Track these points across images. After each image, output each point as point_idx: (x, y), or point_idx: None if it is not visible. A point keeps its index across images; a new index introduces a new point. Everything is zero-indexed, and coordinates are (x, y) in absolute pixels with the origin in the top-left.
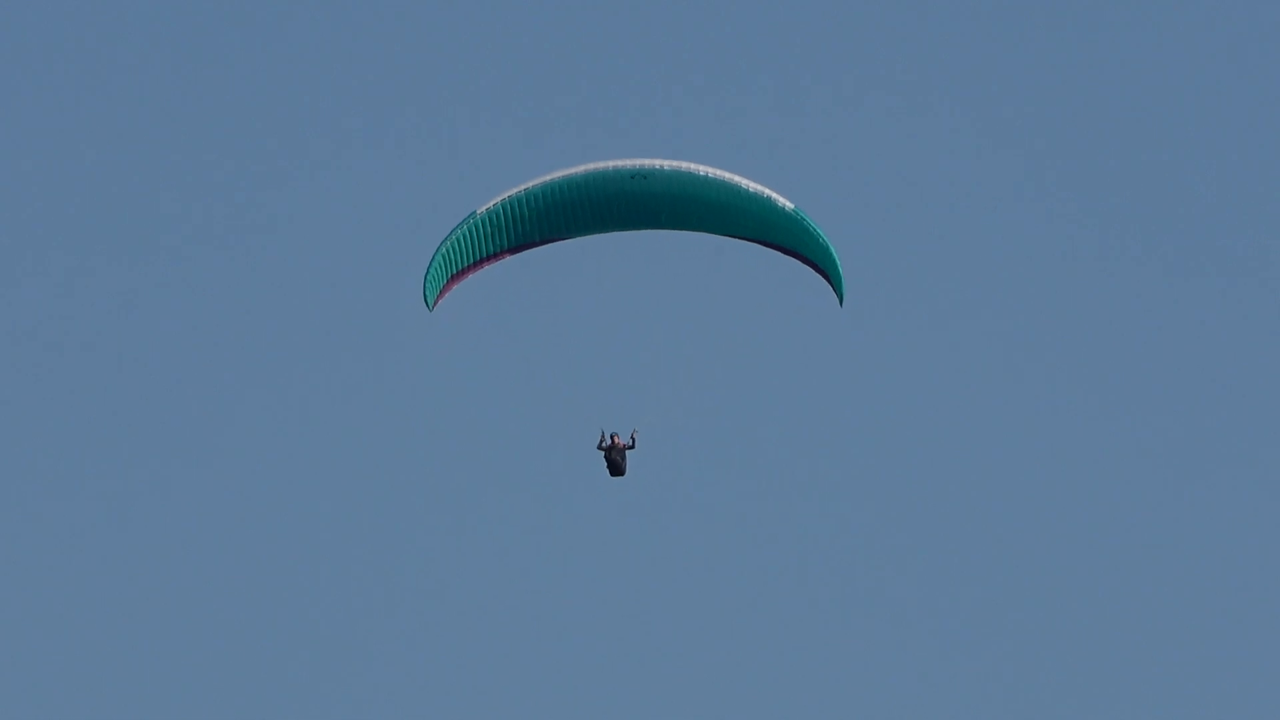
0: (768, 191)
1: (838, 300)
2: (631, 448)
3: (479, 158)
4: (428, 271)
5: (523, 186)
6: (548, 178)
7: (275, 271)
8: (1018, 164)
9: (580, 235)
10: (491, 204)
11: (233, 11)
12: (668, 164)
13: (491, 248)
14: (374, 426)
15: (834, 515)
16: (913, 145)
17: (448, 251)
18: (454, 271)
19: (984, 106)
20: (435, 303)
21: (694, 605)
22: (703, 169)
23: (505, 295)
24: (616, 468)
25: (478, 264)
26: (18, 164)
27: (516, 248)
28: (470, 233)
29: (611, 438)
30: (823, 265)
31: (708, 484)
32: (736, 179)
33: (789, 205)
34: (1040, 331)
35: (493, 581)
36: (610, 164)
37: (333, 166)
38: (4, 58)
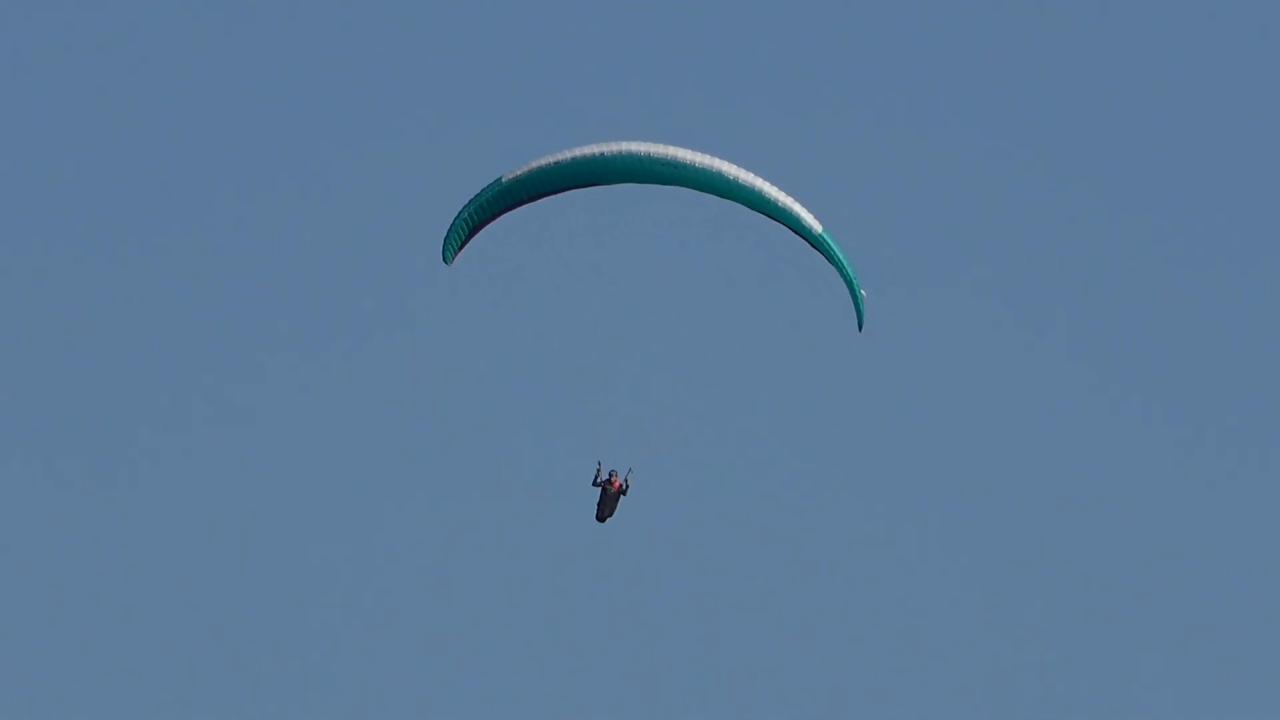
0: (797, 207)
1: (857, 324)
2: (624, 493)
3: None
4: (448, 232)
5: (552, 158)
6: (578, 152)
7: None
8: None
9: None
10: (519, 172)
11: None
12: (701, 159)
13: (512, 202)
14: (364, 420)
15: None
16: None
17: (470, 215)
18: (473, 225)
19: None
20: (454, 257)
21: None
22: (733, 170)
23: (521, 301)
24: (600, 513)
25: (496, 215)
26: None
27: (535, 197)
28: (495, 199)
29: (609, 475)
30: (848, 288)
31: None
32: (766, 188)
33: (817, 227)
34: (1050, 325)
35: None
36: (644, 148)
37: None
38: None
